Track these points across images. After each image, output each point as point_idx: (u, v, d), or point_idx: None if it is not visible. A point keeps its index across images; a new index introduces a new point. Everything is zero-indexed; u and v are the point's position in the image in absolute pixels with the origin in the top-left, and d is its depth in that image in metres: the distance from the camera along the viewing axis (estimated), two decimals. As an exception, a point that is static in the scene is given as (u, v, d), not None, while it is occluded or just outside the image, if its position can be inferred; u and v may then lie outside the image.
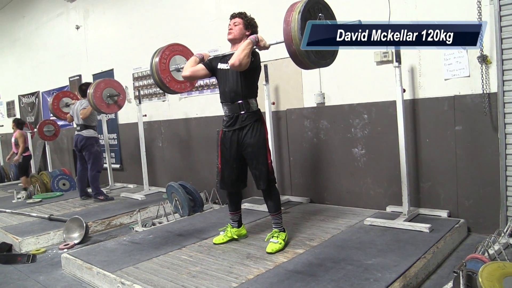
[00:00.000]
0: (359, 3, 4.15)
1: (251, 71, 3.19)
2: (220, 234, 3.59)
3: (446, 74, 3.72)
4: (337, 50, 3.11)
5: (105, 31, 7.59)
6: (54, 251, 4.21)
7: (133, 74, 6.96)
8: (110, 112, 6.00)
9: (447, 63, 3.71)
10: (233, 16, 3.36)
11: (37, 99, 10.09)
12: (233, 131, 3.29)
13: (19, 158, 7.65)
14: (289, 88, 4.83)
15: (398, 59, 3.60)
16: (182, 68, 3.74)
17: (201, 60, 3.44)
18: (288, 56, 2.85)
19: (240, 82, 3.22)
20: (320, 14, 2.82)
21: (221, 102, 3.39)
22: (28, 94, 10.46)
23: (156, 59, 3.88)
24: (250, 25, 3.32)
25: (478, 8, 3.43)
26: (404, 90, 3.68)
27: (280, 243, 3.21)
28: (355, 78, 4.29)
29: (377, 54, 4.01)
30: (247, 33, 3.30)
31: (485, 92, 3.50)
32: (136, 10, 6.82)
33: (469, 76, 3.60)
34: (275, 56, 4.70)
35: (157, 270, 3.04)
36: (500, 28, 3.38)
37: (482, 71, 3.50)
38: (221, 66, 3.36)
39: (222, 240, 3.51)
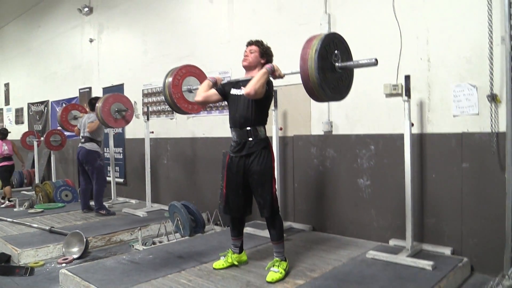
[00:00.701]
0: (373, 37, 4.19)
1: (263, 99, 3.21)
2: (220, 259, 3.56)
3: (455, 110, 3.72)
4: (351, 84, 3.13)
5: (118, 46, 7.70)
6: (53, 265, 4.20)
7: (142, 90, 7.02)
8: (117, 126, 6.04)
9: (457, 100, 3.72)
10: (249, 44, 3.40)
11: (46, 108, 10.19)
12: (240, 157, 3.30)
13: None
14: (297, 114, 4.85)
15: (408, 93, 3.61)
16: (195, 89, 3.77)
17: (214, 84, 3.47)
18: (298, 83, 2.89)
19: (251, 108, 3.24)
20: (336, 52, 2.85)
21: (230, 127, 3.40)
22: (37, 103, 10.57)
23: (170, 79, 3.93)
24: (265, 54, 3.36)
25: (489, 48, 3.45)
26: (412, 124, 3.68)
27: (281, 273, 3.18)
28: (363, 109, 4.30)
29: (386, 87, 4.03)
30: (262, 61, 3.34)
31: (493, 131, 3.49)
32: (150, 28, 6.93)
33: (478, 114, 3.60)
34: (285, 82, 4.70)
35: (155, 293, 3.01)
36: (511, 68, 3.39)
37: (491, 110, 3.50)
38: (233, 91, 3.38)
39: (222, 265, 3.47)
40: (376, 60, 2.84)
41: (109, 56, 7.93)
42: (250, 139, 3.26)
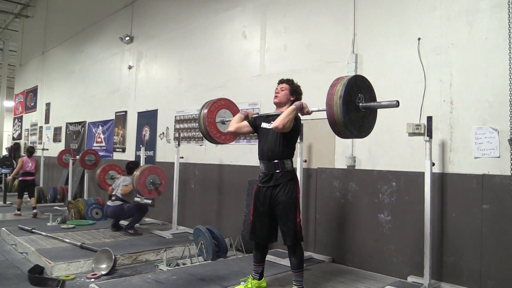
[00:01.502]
0: (398, 78, 4.37)
1: (290, 133, 3.43)
2: (240, 284, 3.70)
3: (476, 152, 3.81)
4: (375, 122, 3.33)
5: (155, 73, 8.14)
6: (82, 279, 4.42)
7: (175, 116, 7.36)
8: (150, 197, 6.41)
9: (478, 142, 3.82)
10: (281, 82, 3.67)
11: (83, 128, 10.71)
12: (267, 187, 3.49)
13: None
14: (322, 148, 5.02)
15: (429, 134, 3.74)
16: (227, 121, 4.02)
17: (246, 117, 3.72)
18: (323, 117, 3.11)
19: (278, 142, 3.45)
20: (359, 95, 3.06)
21: (259, 158, 3.61)
22: (75, 123, 11.12)
23: (205, 110, 4.20)
24: (295, 92, 3.61)
25: (510, 95, 3.56)
26: (434, 164, 3.79)
27: None
28: (387, 146, 4.44)
29: (409, 126, 4.14)
30: (292, 98, 3.58)
31: (513, 174, 3.56)
32: (186, 58, 7.32)
33: (499, 157, 3.68)
34: (311, 117, 4.85)
35: (177, 312, 3.17)
36: (532, 114, 3.49)
37: (511, 154, 3.58)
38: (264, 125, 3.62)
39: None
40: (398, 102, 3.02)
41: (145, 82, 8.37)
42: (277, 171, 3.45)
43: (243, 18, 6.28)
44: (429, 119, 3.77)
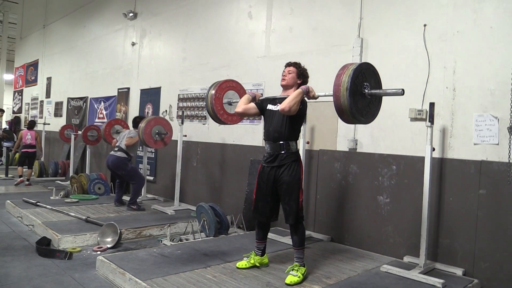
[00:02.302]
0: (403, 63, 4.44)
1: (296, 116, 3.52)
2: (243, 259, 3.84)
3: (476, 139, 3.91)
4: (380, 108, 3.46)
5: (159, 51, 8.14)
6: (89, 252, 4.56)
7: (178, 94, 7.41)
8: (156, 147, 6.43)
9: (478, 129, 3.91)
10: (288, 65, 3.73)
11: (84, 104, 10.74)
12: (272, 167, 3.60)
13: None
14: (324, 130, 5.11)
15: (431, 119, 3.83)
16: (234, 102, 4.09)
17: (253, 99, 3.79)
18: (327, 100, 3.22)
19: (284, 124, 3.54)
20: (365, 84, 3.14)
21: (264, 139, 3.71)
22: (76, 98, 11.14)
23: (212, 91, 4.27)
24: (302, 75, 3.69)
25: (512, 81, 3.65)
26: (434, 149, 3.88)
27: (299, 277, 3.44)
28: (388, 130, 4.53)
29: (412, 111, 4.25)
30: (299, 81, 3.66)
31: (511, 161, 3.67)
32: (190, 36, 7.32)
33: (497, 144, 3.78)
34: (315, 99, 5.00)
35: (184, 285, 3.31)
36: (532, 103, 3.58)
37: (510, 141, 3.68)
38: (270, 107, 3.70)
39: (245, 265, 3.76)
40: (403, 90, 3.11)
41: (149, 60, 8.37)
42: (282, 152, 3.56)
43: (249, -2, 6.28)
44: (432, 105, 3.85)
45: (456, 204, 4.02)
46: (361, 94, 3.15)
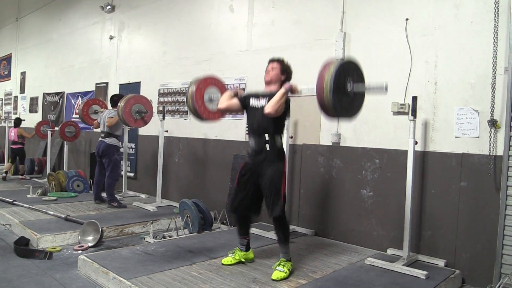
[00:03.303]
0: (385, 57, 4.46)
1: (282, 112, 3.49)
2: (229, 255, 3.81)
3: (457, 132, 3.97)
4: (363, 103, 3.45)
5: (138, 45, 7.99)
6: (69, 251, 4.46)
7: (159, 89, 7.29)
8: (136, 126, 6.28)
9: (459, 122, 3.97)
10: (272, 61, 3.68)
11: (61, 99, 10.47)
12: (256, 163, 3.57)
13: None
14: (307, 124, 5.11)
15: (414, 113, 3.86)
16: (215, 98, 4.04)
17: (235, 95, 3.74)
18: (310, 95, 3.21)
19: (269, 120, 3.50)
20: (348, 81, 3.13)
21: (248, 134, 3.67)
22: (53, 93, 10.85)
23: (193, 88, 4.18)
24: (285, 71, 3.65)
25: (493, 77, 3.70)
26: (416, 143, 3.92)
27: (286, 272, 3.43)
28: (371, 124, 4.56)
29: (394, 105, 4.27)
30: (282, 77, 3.63)
31: (491, 154, 3.74)
32: (170, 30, 7.20)
33: (478, 137, 3.85)
34: (297, 94, 4.99)
35: (169, 283, 3.26)
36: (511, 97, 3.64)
37: (490, 134, 3.75)
38: (253, 103, 3.66)
39: (230, 261, 3.73)
40: (386, 86, 3.12)
41: (128, 54, 8.20)
42: (267, 146, 3.52)
43: (230, -9, 6.21)
44: (414, 99, 3.88)
45: (438, 196, 4.08)
46: (345, 92, 3.12)
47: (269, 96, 3.52)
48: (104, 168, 6.33)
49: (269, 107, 3.35)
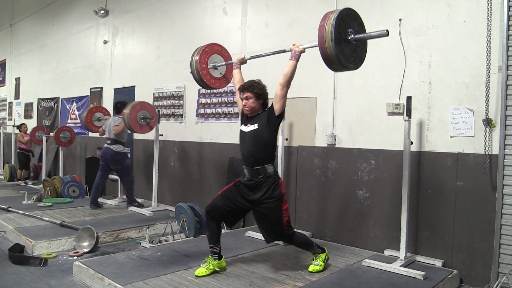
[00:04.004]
0: (379, 58, 4.44)
1: (270, 134, 3.45)
2: (201, 266, 3.56)
3: (452, 131, 3.97)
4: (366, 51, 3.40)
5: (132, 49, 7.97)
6: (64, 257, 4.42)
7: (154, 93, 7.27)
8: (142, 132, 6.32)
9: (454, 122, 3.97)
10: (243, 90, 3.55)
11: (56, 104, 10.44)
12: (249, 188, 3.50)
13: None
14: (303, 126, 5.10)
15: (409, 113, 3.85)
16: (219, 66, 4.27)
17: (241, 63, 4.01)
18: (305, 96, 3.16)
19: (259, 146, 3.44)
20: (349, 30, 3.11)
21: (243, 163, 3.58)
22: (47, 99, 10.82)
23: (197, 57, 4.24)
24: (261, 95, 3.54)
25: (487, 76, 3.70)
26: (412, 143, 3.92)
27: (321, 265, 3.66)
28: (366, 125, 4.55)
29: (389, 105, 4.27)
30: (260, 102, 3.54)
31: (487, 153, 3.73)
32: (164, 34, 7.18)
33: (473, 136, 3.84)
34: (293, 95, 4.98)
35: (165, 288, 3.24)
36: (506, 96, 3.64)
37: (486, 133, 3.74)
38: (242, 127, 3.60)
39: (204, 272, 3.50)
40: (387, 31, 3.06)
41: (122, 58, 8.18)
42: (260, 176, 3.45)
43: (224, -7, 6.20)
44: (409, 99, 3.87)
45: (435, 196, 4.07)
46: (346, 41, 3.11)
47: (258, 120, 3.49)
48: (106, 173, 6.48)
49: (286, 81, 3.38)
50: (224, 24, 6.17)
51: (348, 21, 3.12)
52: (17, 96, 12.62)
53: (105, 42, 8.58)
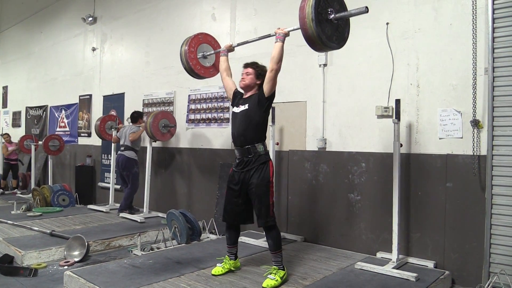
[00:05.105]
0: (367, 62, 4.49)
1: (261, 115, 3.51)
2: (217, 265, 3.76)
3: (440, 133, 4.01)
4: (349, 30, 3.45)
5: (121, 55, 7.93)
6: (55, 267, 4.36)
7: (143, 100, 7.24)
8: (163, 139, 6.38)
9: (443, 124, 4.01)
10: (246, 66, 3.71)
11: (44, 112, 10.34)
12: (241, 172, 3.55)
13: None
14: (293, 131, 5.11)
15: (398, 116, 3.88)
16: (209, 55, 4.31)
17: (229, 50, 4.07)
18: (295, 100, 3.15)
19: (248, 126, 3.50)
20: (329, 10, 3.15)
21: (233, 143, 3.66)
22: (36, 107, 10.72)
23: (185, 47, 4.28)
24: (260, 75, 3.64)
25: (473, 78, 3.75)
26: (401, 145, 3.94)
27: (277, 280, 3.38)
28: (356, 128, 4.57)
29: (378, 109, 4.30)
30: (258, 82, 3.62)
31: (475, 154, 3.77)
32: (153, 40, 7.17)
33: (461, 138, 3.89)
34: (282, 100, 5.00)
35: (157, 295, 3.21)
36: (493, 97, 3.69)
37: (474, 135, 3.79)
38: (234, 108, 3.68)
39: (221, 271, 3.66)
40: (367, 7, 3.11)
41: (111, 65, 8.14)
42: (250, 156, 3.51)
43: (212, -1, 6.21)
44: (397, 102, 3.91)
45: (425, 198, 4.09)
46: (327, 20, 3.14)
47: (249, 101, 3.55)
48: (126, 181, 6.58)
49: (275, 63, 3.39)
50: (213, 30, 6.13)
51: (328, 0, 3.15)
52: (4, 104, 12.49)
53: (94, 49, 8.53)
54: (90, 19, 8.47)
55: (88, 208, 7.07)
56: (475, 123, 3.77)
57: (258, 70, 3.66)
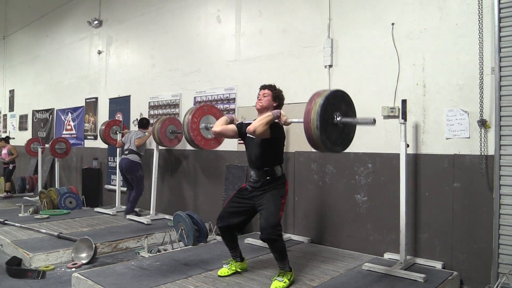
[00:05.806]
0: (373, 62, 4.49)
1: (275, 141, 3.46)
2: (224, 267, 3.77)
3: (447, 133, 3.99)
4: (354, 134, 3.38)
5: (127, 58, 7.97)
6: (63, 269, 4.38)
7: (149, 102, 7.27)
8: (170, 146, 6.39)
9: (449, 124, 3.99)
10: (263, 87, 3.61)
11: (51, 116, 10.40)
12: (256, 189, 3.54)
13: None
14: (299, 131, 5.09)
15: (404, 116, 3.88)
16: (211, 127, 4.11)
17: (231, 121, 3.72)
18: (299, 102, 3.12)
19: (265, 150, 3.47)
20: (336, 114, 3.02)
21: (248, 165, 3.65)
22: (42, 110, 10.78)
23: (189, 117, 4.27)
24: (277, 98, 3.58)
25: (480, 77, 3.73)
26: (408, 145, 3.93)
27: (285, 282, 3.38)
28: (362, 129, 4.52)
29: (384, 109, 4.29)
30: (274, 104, 3.56)
31: (483, 154, 3.75)
32: (158, 43, 7.20)
33: (469, 138, 3.87)
34: (288, 101, 4.97)
35: (165, 297, 3.21)
36: (500, 97, 3.66)
37: (481, 134, 3.77)
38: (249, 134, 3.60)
39: (226, 273, 3.69)
40: (374, 119, 3.04)
41: (117, 68, 8.18)
42: (268, 178, 3.50)
43: (217, 1, 6.22)
44: (404, 102, 3.90)
45: (432, 198, 4.08)
46: (333, 124, 3.02)
47: None
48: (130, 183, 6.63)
49: (251, 125, 3.29)
50: (218, 32, 6.19)
51: (335, 104, 3.01)
52: (11, 108, 12.57)
53: (99, 52, 8.58)
54: (96, 22, 8.51)
55: (94, 210, 7.09)
56: (482, 123, 3.75)
57: (276, 92, 3.59)
